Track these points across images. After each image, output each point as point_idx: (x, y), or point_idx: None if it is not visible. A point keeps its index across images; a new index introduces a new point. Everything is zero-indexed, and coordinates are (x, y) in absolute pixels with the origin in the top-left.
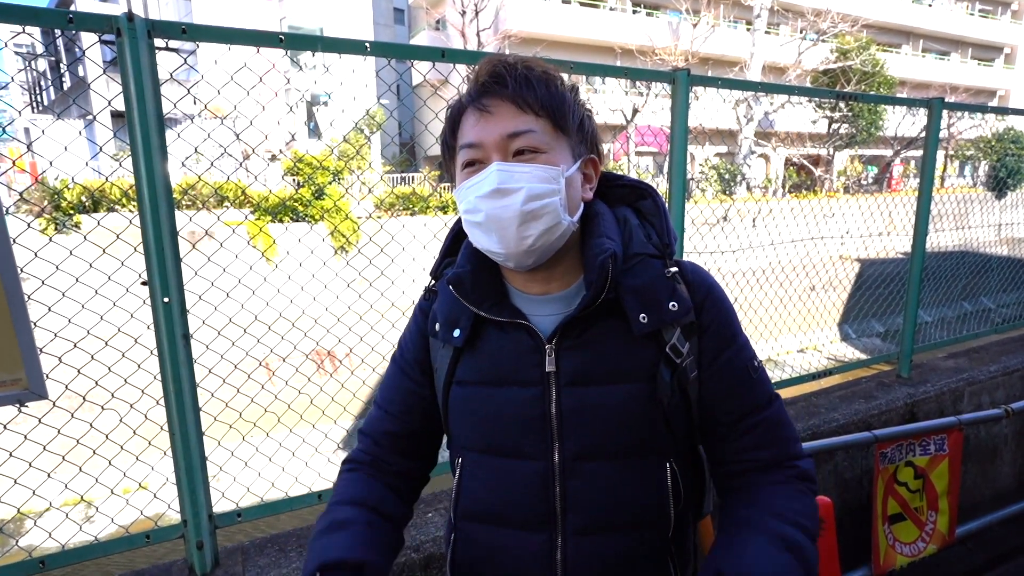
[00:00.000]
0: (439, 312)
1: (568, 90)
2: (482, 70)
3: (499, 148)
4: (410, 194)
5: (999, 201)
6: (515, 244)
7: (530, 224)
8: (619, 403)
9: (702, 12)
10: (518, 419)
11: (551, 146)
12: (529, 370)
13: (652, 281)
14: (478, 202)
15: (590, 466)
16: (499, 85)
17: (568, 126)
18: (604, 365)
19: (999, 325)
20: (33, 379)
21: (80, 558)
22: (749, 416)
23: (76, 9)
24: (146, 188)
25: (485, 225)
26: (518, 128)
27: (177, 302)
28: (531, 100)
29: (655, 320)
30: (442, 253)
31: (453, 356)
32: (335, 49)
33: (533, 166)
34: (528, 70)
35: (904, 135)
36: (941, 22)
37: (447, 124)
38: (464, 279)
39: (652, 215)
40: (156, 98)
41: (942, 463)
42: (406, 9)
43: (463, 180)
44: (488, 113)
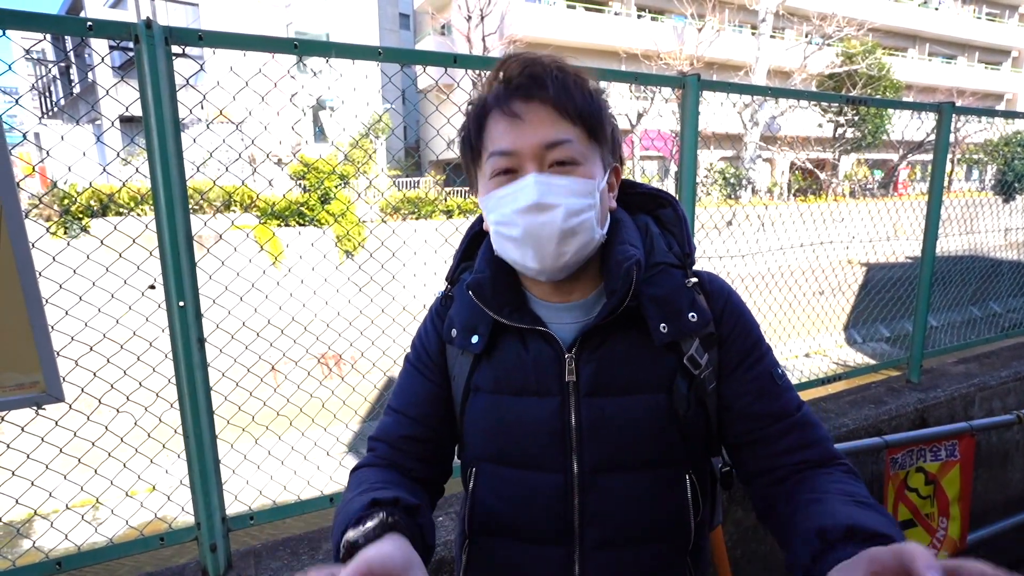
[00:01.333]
0: (456, 318)
1: (599, 95)
2: (512, 68)
3: (535, 157)
4: (417, 199)
5: (1007, 205)
6: (552, 261)
7: (569, 240)
8: (638, 414)
9: (707, 16)
10: (537, 430)
11: (587, 157)
12: (549, 380)
13: (673, 291)
14: (515, 216)
15: (609, 479)
16: (536, 88)
17: (603, 135)
18: (623, 375)
19: (1009, 330)
20: (50, 382)
21: (96, 560)
22: (783, 420)
23: (89, 16)
24: (162, 193)
25: (521, 240)
26: (558, 137)
27: (192, 306)
28: (570, 107)
29: (675, 331)
30: (458, 257)
31: (472, 363)
32: (348, 55)
33: (571, 179)
34: (563, 73)
35: (910, 139)
36: (947, 25)
37: (472, 124)
38: (484, 285)
39: (672, 224)
40: (173, 104)
41: (953, 469)
42: (411, 14)
43: (492, 188)
44: (522, 119)
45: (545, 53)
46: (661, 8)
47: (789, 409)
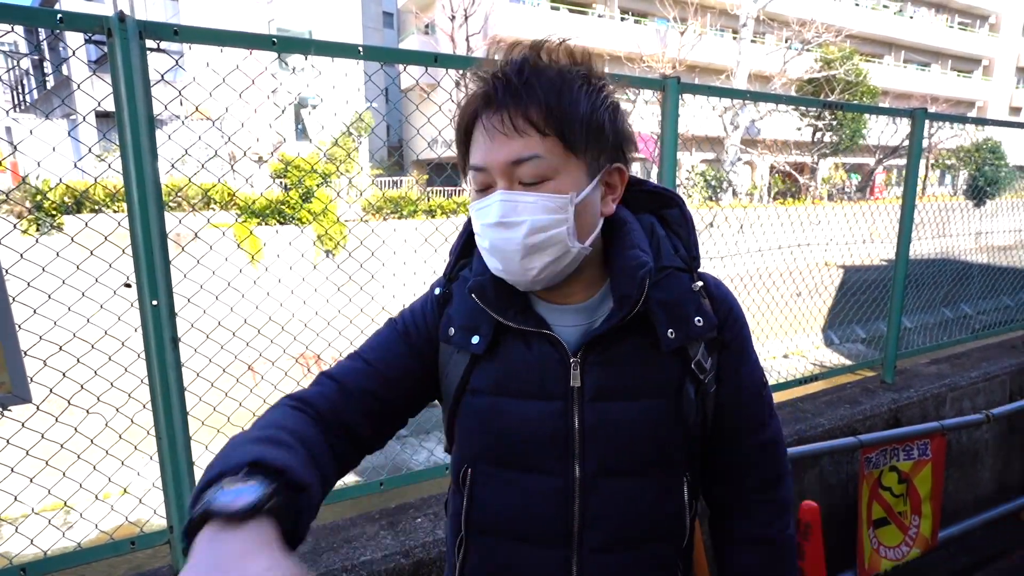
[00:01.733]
0: (456, 316)
1: (586, 91)
2: (488, 73)
3: (504, 174)
4: (399, 198)
5: (978, 209)
6: (520, 274)
7: (533, 257)
8: (641, 418)
9: (689, 20)
10: (538, 433)
11: (559, 171)
12: (553, 383)
13: (680, 295)
14: (484, 229)
15: (610, 482)
16: (506, 97)
17: (580, 144)
18: (629, 381)
19: (979, 332)
20: (17, 382)
21: (63, 565)
22: (758, 432)
23: (64, 8)
24: (135, 190)
25: (490, 251)
26: (521, 155)
27: (166, 305)
28: (535, 117)
29: (682, 336)
30: (455, 254)
31: (469, 363)
32: (328, 52)
33: (538, 195)
34: (536, 73)
35: (886, 144)
36: (922, 34)
37: (460, 129)
38: (486, 287)
39: (678, 225)
40: (147, 100)
41: (925, 468)
42: (395, 13)
43: (474, 199)
44: (494, 132)
45: (533, 42)
46: (644, 11)
47: (765, 421)
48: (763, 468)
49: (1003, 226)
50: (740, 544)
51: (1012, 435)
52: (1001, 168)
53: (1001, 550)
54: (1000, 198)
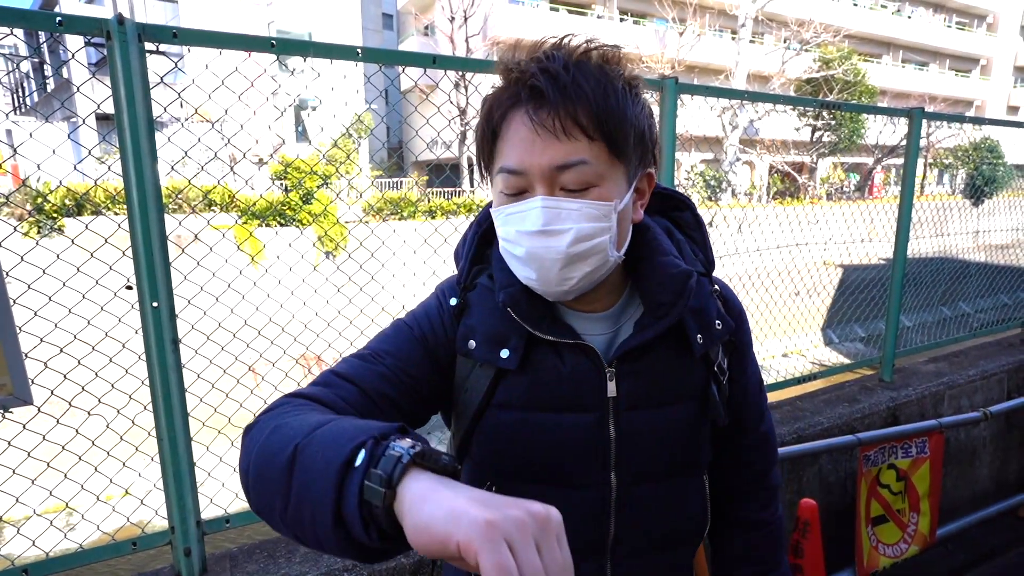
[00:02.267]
0: (478, 328)
1: (630, 95)
2: (527, 67)
3: (545, 180)
4: (399, 199)
5: (976, 208)
6: (556, 284)
7: (575, 265)
8: (672, 424)
9: (688, 21)
10: (574, 446)
11: (605, 177)
12: (587, 394)
13: (705, 300)
14: (519, 236)
15: (644, 489)
16: (551, 95)
17: (627, 150)
18: (661, 387)
19: (977, 330)
20: (18, 384)
21: (64, 566)
22: (759, 423)
23: (62, 11)
24: (135, 192)
25: (524, 260)
26: (568, 159)
27: (166, 307)
28: (588, 121)
29: (708, 341)
30: (468, 260)
31: (495, 377)
32: (327, 54)
33: (583, 203)
34: (582, 72)
35: (885, 143)
36: (920, 33)
37: (485, 124)
38: (520, 299)
39: (692, 229)
40: (146, 102)
41: (923, 465)
42: (395, 14)
43: (501, 203)
44: (534, 134)
45: (559, 39)
46: (643, 12)
47: (763, 415)
48: (762, 456)
49: (1001, 225)
50: (739, 526)
51: (1010, 433)
52: (999, 167)
53: (998, 546)
54: (998, 197)
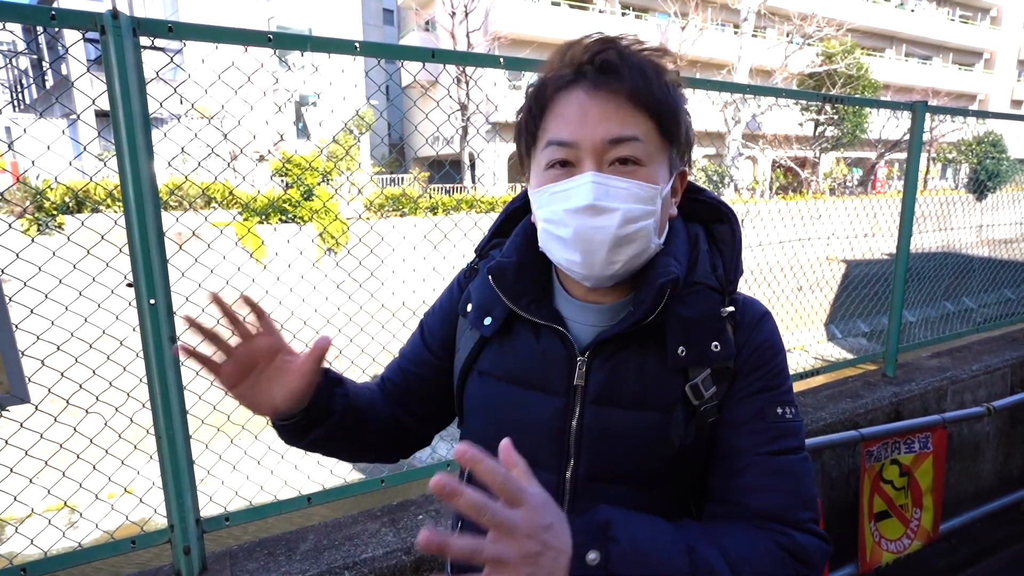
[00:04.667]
0: (474, 294)
1: (676, 86)
2: (582, 49)
3: (596, 153)
4: (400, 195)
5: (979, 203)
6: (600, 268)
7: (622, 248)
8: (638, 430)
9: (690, 15)
10: (538, 427)
11: (653, 158)
12: (556, 379)
13: (704, 316)
14: (566, 216)
15: (603, 488)
16: (608, 74)
17: (676, 135)
18: (631, 389)
19: (980, 325)
20: (15, 383)
21: (63, 565)
22: (753, 455)
23: (58, 6)
24: (131, 189)
25: (569, 242)
26: (624, 133)
27: (164, 304)
28: (643, 99)
29: (692, 357)
30: (491, 231)
31: (479, 343)
32: (324, 49)
33: (632, 182)
34: (640, 58)
35: (888, 138)
36: (923, 27)
37: (532, 104)
38: (506, 271)
39: (724, 243)
40: (142, 98)
41: (926, 461)
42: (395, 10)
43: (545, 182)
44: (586, 108)
45: (626, 35)
46: (645, 6)
47: (772, 449)
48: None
49: (1005, 219)
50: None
51: (1013, 428)
52: (1002, 161)
53: (1001, 541)
54: (1001, 191)
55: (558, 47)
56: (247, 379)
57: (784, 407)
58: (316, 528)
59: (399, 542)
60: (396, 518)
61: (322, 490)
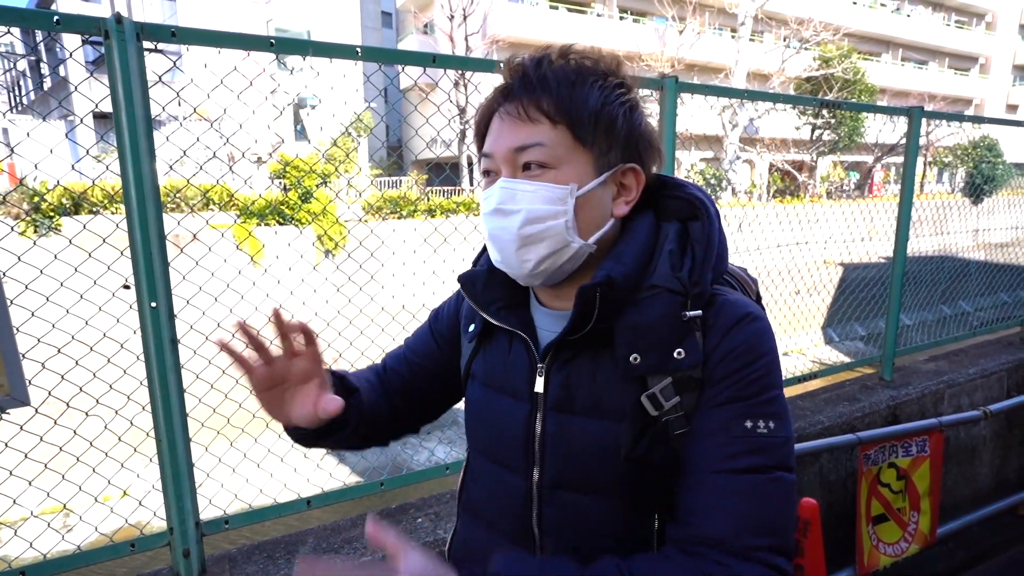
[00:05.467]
0: (465, 303)
1: (600, 86)
2: (509, 67)
3: (507, 161)
4: (398, 198)
5: (975, 207)
6: (516, 266)
7: (529, 248)
8: (595, 439)
9: (688, 19)
10: (510, 433)
11: (563, 160)
12: (522, 385)
13: (659, 320)
14: (485, 219)
15: (566, 495)
16: (518, 86)
17: (590, 136)
18: (586, 396)
19: (977, 328)
20: (15, 385)
21: (63, 568)
22: (712, 471)
23: (60, 10)
24: (134, 191)
25: (490, 241)
26: (525, 141)
27: (165, 306)
28: (546, 106)
29: (650, 364)
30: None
31: (472, 350)
32: (326, 53)
33: (537, 184)
34: (552, 68)
35: (884, 142)
36: (919, 32)
37: (479, 124)
38: (477, 280)
39: (697, 241)
40: (144, 101)
41: (924, 464)
42: (394, 13)
43: (484, 187)
44: (505, 120)
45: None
46: (643, 10)
47: (738, 467)
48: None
49: (1000, 223)
50: None
51: (1010, 431)
52: (998, 165)
53: (998, 545)
54: (997, 195)
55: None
56: (275, 388)
57: (758, 419)
58: (315, 531)
59: None
60: (395, 521)
61: (321, 493)
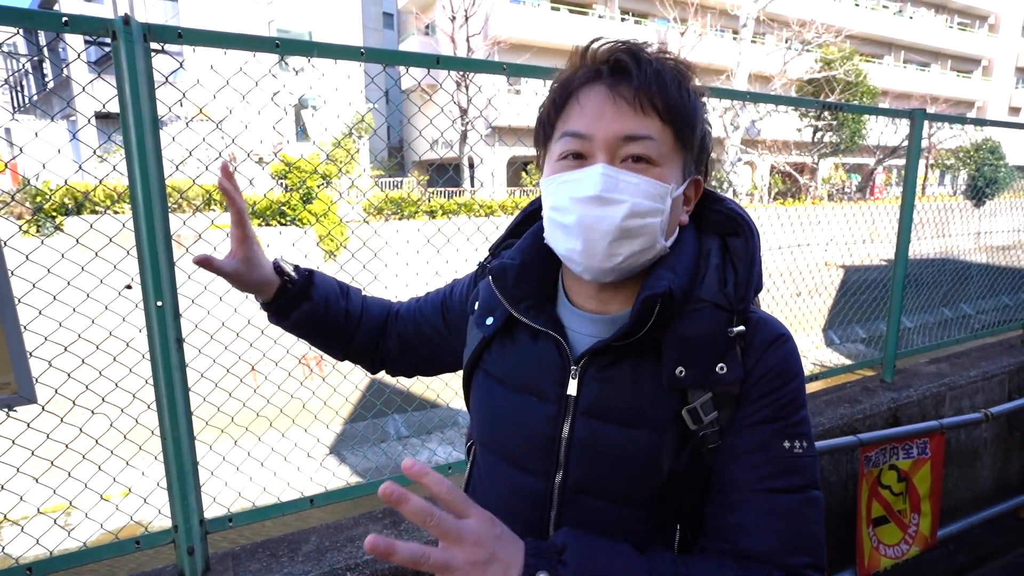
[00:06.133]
0: (481, 292)
1: (699, 97)
2: (605, 47)
3: (608, 147)
4: (400, 199)
5: (977, 210)
6: (600, 259)
7: (624, 242)
8: (629, 448)
9: (689, 21)
10: (530, 433)
11: (666, 159)
12: (550, 386)
13: (707, 335)
14: (572, 204)
15: (589, 500)
16: (627, 74)
17: (691, 140)
18: (625, 405)
19: (978, 331)
20: (22, 383)
21: (68, 564)
22: (750, 490)
23: (63, 10)
24: (140, 191)
25: (572, 230)
26: (638, 131)
27: (170, 306)
28: (660, 102)
29: (694, 378)
30: (507, 232)
31: (482, 342)
32: (330, 54)
33: (643, 178)
34: (661, 64)
35: (886, 144)
36: (921, 34)
37: (552, 99)
38: (508, 273)
39: (739, 258)
40: (151, 101)
41: (924, 466)
42: (395, 13)
43: (556, 170)
44: (611, 103)
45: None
46: (644, 12)
47: (773, 486)
48: (752, 536)
49: (1003, 226)
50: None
51: (1011, 434)
52: (1000, 168)
53: (999, 547)
54: (999, 198)
55: (579, 47)
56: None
57: (794, 440)
58: (318, 530)
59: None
60: (398, 520)
61: (324, 492)
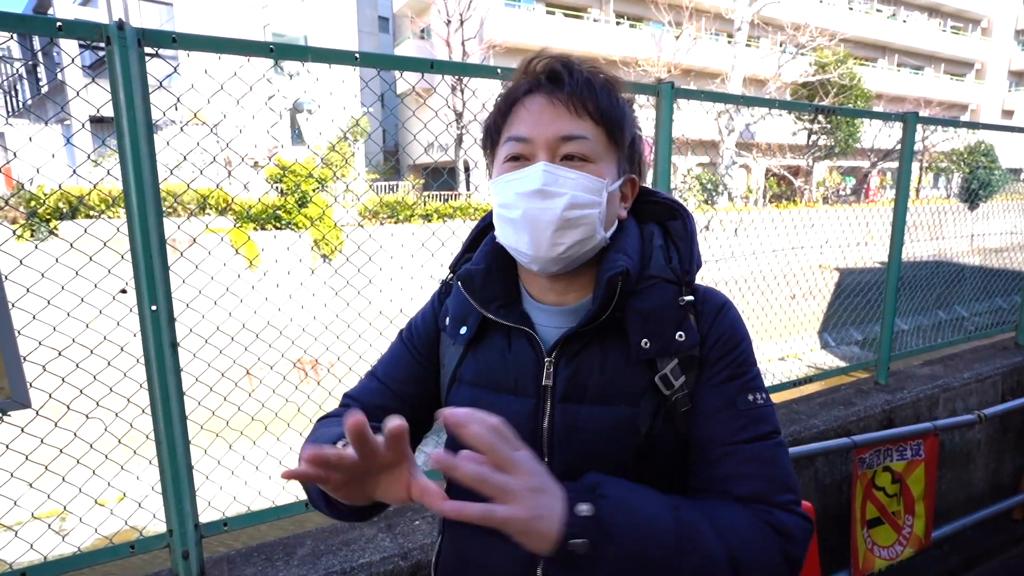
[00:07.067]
0: (451, 307)
1: (627, 104)
2: (541, 63)
3: (548, 148)
4: (395, 202)
5: (971, 212)
6: (546, 249)
7: (566, 232)
8: (606, 425)
9: (684, 24)
10: (512, 429)
11: (601, 157)
12: (526, 381)
13: (661, 307)
14: (517, 199)
15: None
16: (562, 82)
17: (622, 140)
18: (598, 384)
19: (972, 333)
20: (16, 388)
21: (63, 569)
22: (728, 444)
23: (57, 15)
24: (135, 196)
25: (519, 223)
26: (574, 132)
27: (165, 310)
28: (591, 105)
29: (657, 348)
30: (463, 247)
31: (461, 354)
32: (325, 59)
33: (580, 173)
34: (592, 74)
35: (880, 147)
36: (915, 38)
37: (497, 109)
38: (475, 277)
39: (679, 237)
40: (146, 106)
41: (918, 468)
42: (391, 18)
43: (503, 172)
44: (549, 108)
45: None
46: (639, 15)
47: (745, 437)
48: (740, 482)
49: (996, 228)
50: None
51: (1004, 435)
52: (994, 171)
53: (993, 548)
54: (993, 201)
55: (522, 61)
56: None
57: (754, 393)
58: (313, 533)
59: (396, 548)
60: (392, 524)
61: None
